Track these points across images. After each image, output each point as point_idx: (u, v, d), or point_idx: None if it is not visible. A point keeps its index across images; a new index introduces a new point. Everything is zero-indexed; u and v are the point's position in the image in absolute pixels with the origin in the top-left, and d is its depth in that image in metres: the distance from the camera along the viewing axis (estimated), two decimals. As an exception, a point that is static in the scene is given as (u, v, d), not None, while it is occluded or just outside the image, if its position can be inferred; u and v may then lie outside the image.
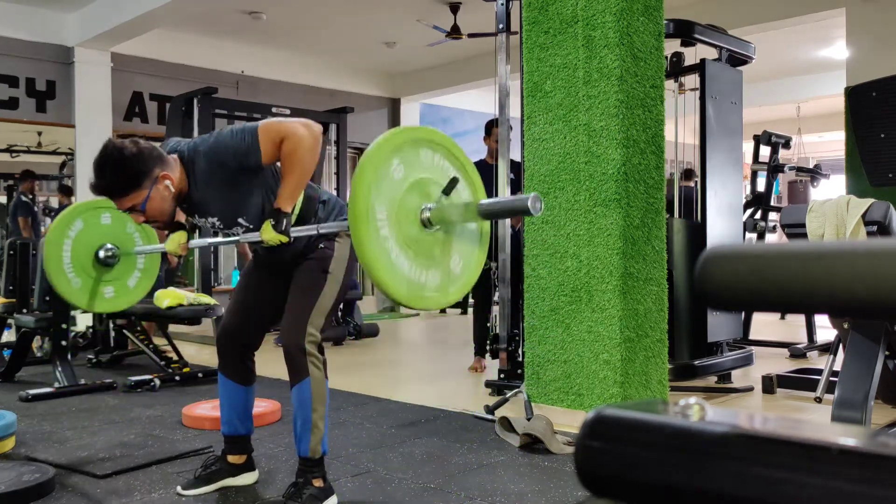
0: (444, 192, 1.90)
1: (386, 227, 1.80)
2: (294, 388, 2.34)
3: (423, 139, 1.92)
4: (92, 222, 2.85)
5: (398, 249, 1.82)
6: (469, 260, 2.00)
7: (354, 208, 1.75)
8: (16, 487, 2.41)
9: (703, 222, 4.19)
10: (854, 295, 0.51)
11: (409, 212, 1.85)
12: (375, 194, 1.78)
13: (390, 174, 1.82)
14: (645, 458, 0.55)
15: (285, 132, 2.18)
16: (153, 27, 6.77)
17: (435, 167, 1.94)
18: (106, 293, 2.95)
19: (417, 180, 1.88)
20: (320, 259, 2.43)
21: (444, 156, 1.96)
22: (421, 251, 1.87)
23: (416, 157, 1.89)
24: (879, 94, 5.11)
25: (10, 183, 7.29)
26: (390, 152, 1.83)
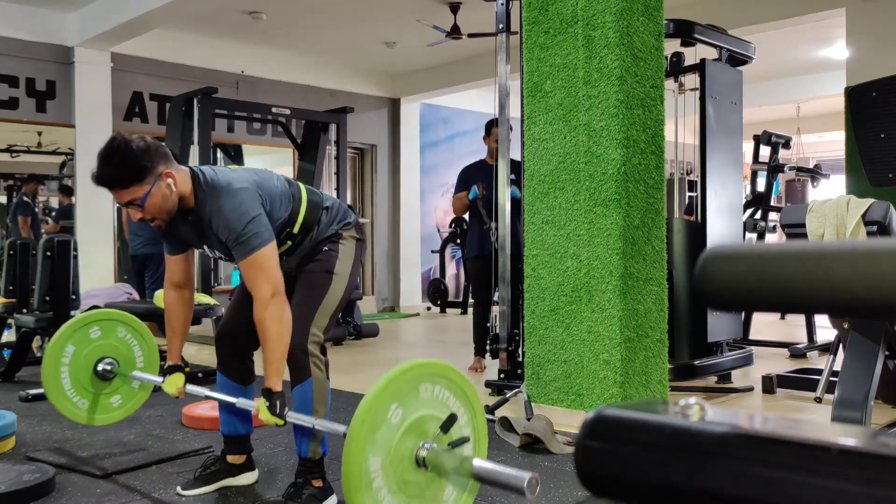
0: (442, 429, 1.85)
1: (380, 477, 1.75)
2: (295, 389, 2.34)
3: (422, 375, 1.86)
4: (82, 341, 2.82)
5: (390, 497, 1.77)
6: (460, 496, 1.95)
7: (348, 469, 1.70)
8: (16, 487, 2.41)
9: (703, 222, 4.19)
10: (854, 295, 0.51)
11: (403, 456, 1.80)
12: (370, 447, 1.73)
13: (387, 420, 1.77)
14: (645, 458, 0.55)
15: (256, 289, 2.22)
16: (153, 27, 6.77)
17: (435, 401, 1.88)
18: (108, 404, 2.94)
19: (415, 420, 1.82)
20: (325, 260, 2.43)
21: (444, 387, 1.90)
22: (413, 492, 1.82)
23: (415, 395, 1.84)
24: (879, 94, 5.11)
25: (11, 183, 7.29)
26: (389, 398, 1.78)
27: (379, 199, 9.83)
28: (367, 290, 9.67)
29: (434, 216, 10.38)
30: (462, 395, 1.94)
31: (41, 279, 4.43)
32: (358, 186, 9.86)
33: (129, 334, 2.93)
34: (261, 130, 8.62)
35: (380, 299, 9.83)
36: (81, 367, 2.82)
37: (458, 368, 1.99)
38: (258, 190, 2.31)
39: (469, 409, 1.96)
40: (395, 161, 9.90)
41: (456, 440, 1.87)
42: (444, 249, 9.93)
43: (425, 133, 10.20)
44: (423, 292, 10.09)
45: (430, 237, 10.24)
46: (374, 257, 9.78)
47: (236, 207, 2.23)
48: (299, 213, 2.41)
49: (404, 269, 9.91)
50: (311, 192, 2.50)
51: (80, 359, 2.81)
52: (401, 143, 9.87)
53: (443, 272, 9.91)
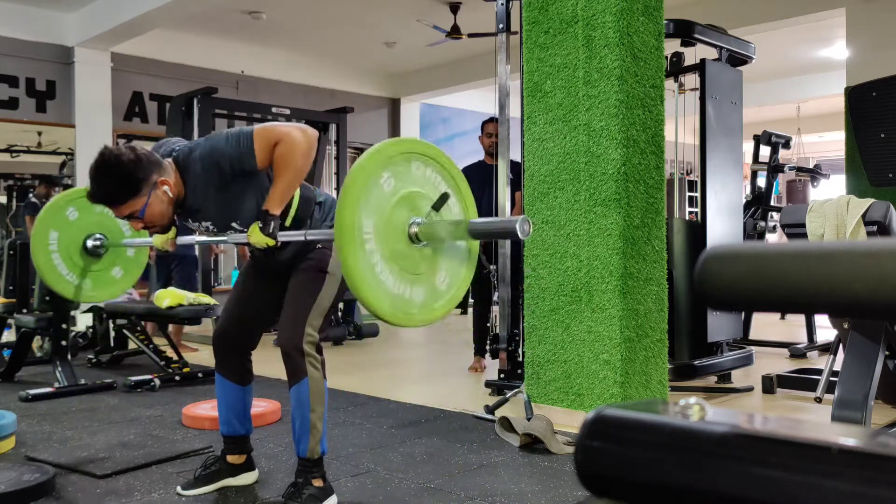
0: (434, 207, 1.87)
1: (372, 240, 1.77)
2: (292, 389, 2.34)
3: (415, 152, 1.90)
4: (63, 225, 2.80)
5: (383, 263, 1.79)
6: (455, 277, 1.96)
7: (341, 220, 1.73)
8: (16, 487, 2.41)
9: (703, 222, 4.19)
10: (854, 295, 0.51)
11: (396, 226, 1.82)
12: (363, 206, 1.75)
13: (380, 186, 1.80)
14: (645, 458, 0.55)
15: (280, 135, 2.17)
16: (153, 27, 6.77)
17: (426, 181, 1.91)
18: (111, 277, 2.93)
19: (407, 194, 1.85)
20: (318, 259, 2.42)
21: (436, 170, 1.93)
22: (407, 266, 1.84)
23: (407, 170, 1.86)
24: (879, 94, 5.11)
25: (11, 183, 7.30)
26: (381, 164, 1.81)
27: (379, 199, 9.82)
28: (367, 290, 9.67)
29: (434, 216, 10.37)
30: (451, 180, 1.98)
31: (41, 279, 4.43)
32: (358, 186, 9.85)
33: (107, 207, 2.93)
34: (261, 130, 8.61)
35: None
36: (72, 250, 2.80)
37: (458, 368, 1.99)
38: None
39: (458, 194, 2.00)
40: (395, 161, 9.89)
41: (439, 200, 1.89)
42: (444, 249, 9.92)
43: (425, 133, 10.20)
44: (423, 292, 10.08)
45: (430, 237, 10.23)
46: (374, 257, 9.77)
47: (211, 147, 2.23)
48: (291, 205, 2.40)
49: (404, 269, 9.90)
50: (304, 186, 2.49)
51: (67, 242, 2.79)
52: (401, 143, 9.86)
53: (443, 272, 9.90)
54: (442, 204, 1.89)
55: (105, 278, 2.92)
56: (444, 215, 1.92)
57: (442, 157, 1.96)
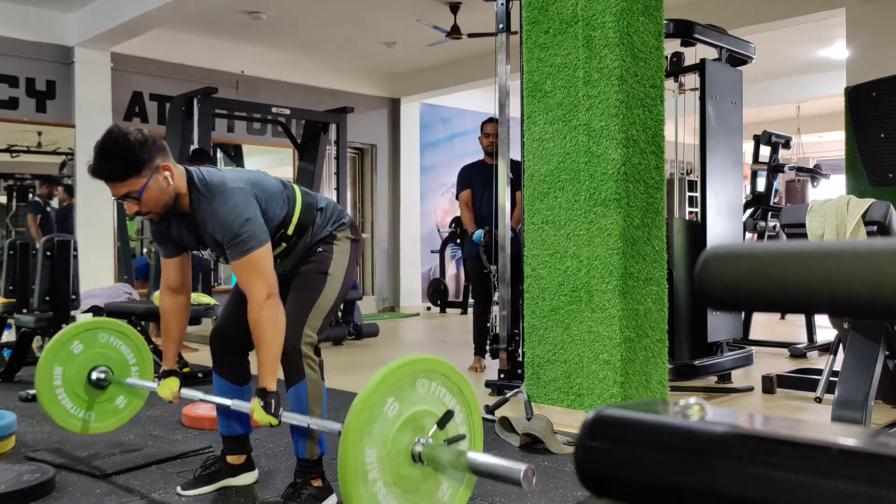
0: (439, 425, 1.86)
1: (376, 469, 1.76)
2: (290, 390, 2.34)
3: (420, 370, 1.87)
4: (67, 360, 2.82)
5: (386, 490, 1.78)
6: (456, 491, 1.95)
7: (344, 460, 1.71)
8: (16, 487, 2.41)
9: (703, 222, 4.19)
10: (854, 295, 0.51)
11: (399, 450, 1.81)
12: (367, 439, 1.75)
13: (384, 414, 1.78)
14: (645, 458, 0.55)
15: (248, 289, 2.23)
16: (153, 27, 6.77)
17: (431, 397, 1.89)
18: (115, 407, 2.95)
19: (411, 415, 1.83)
20: (319, 261, 2.43)
21: (441, 384, 1.91)
22: (409, 487, 1.83)
23: (412, 390, 1.84)
24: (879, 94, 5.11)
25: (11, 183, 7.30)
26: (386, 392, 1.79)
27: (379, 199, 9.83)
28: (367, 290, 9.67)
29: (434, 216, 10.37)
30: (458, 393, 1.95)
31: (41, 279, 4.43)
32: (358, 186, 9.86)
33: (112, 337, 2.93)
34: (261, 130, 8.62)
35: (380, 299, 9.83)
36: (76, 384, 2.83)
37: (458, 368, 2.00)
38: (253, 189, 2.31)
39: (465, 407, 1.97)
40: (395, 161, 9.90)
41: (452, 437, 1.88)
42: (444, 249, 9.93)
43: (425, 133, 10.20)
44: (423, 292, 10.09)
45: (430, 237, 10.24)
46: (374, 257, 9.78)
47: (232, 208, 2.23)
48: (294, 214, 2.41)
49: (404, 269, 9.91)
50: (305, 193, 2.50)
51: (71, 377, 2.82)
52: (401, 143, 9.87)
53: (443, 272, 9.91)
54: (446, 422, 1.88)
55: (109, 409, 2.95)
56: (450, 431, 1.90)
57: (447, 370, 1.93)
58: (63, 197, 7.36)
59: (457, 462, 1.81)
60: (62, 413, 2.81)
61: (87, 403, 2.86)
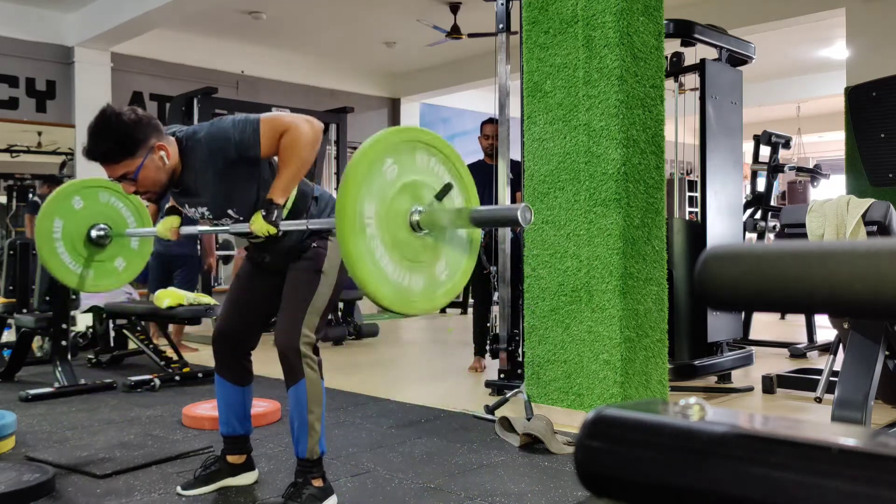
0: (437, 197, 1.86)
1: (373, 225, 1.76)
2: (290, 390, 2.34)
3: (419, 141, 1.89)
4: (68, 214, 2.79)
5: (384, 250, 1.78)
6: (456, 267, 1.95)
7: (342, 204, 1.71)
8: (16, 487, 2.41)
9: (703, 222, 4.19)
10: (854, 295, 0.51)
11: (398, 213, 1.81)
12: (366, 191, 1.74)
13: (383, 173, 1.79)
14: (645, 458, 0.55)
15: (286, 125, 2.17)
16: (153, 27, 6.77)
17: (429, 171, 1.90)
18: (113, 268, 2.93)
19: (410, 182, 1.84)
20: (313, 258, 2.41)
21: (439, 160, 1.92)
22: (407, 254, 1.83)
23: (411, 158, 1.86)
24: (879, 94, 5.11)
25: (11, 183, 7.30)
26: (385, 150, 1.80)
27: (379, 199, 9.82)
28: (367, 290, 9.66)
29: (434, 216, 10.37)
30: (456, 173, 1.97)
31: (41, 279, 4.44)
32: (358, 186, 9.85)
33: (113, 197, 2.91)
34: (261, 130, 8.61)
35: (380, 299, 9.81)
36: (76, 238, 2.79)
37: (458, 369, 1.99)
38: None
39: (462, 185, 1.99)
40: (395, 161, 9.89)
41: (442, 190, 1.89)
42: (444, 249, 9.92)
43: (425, 133, 10.19)
44: (423, 292, 10.07)
45: (430, 237, 10.23)
46: (374, 257, 9.77)
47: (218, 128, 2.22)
48: (289, 198, 2.39)
49: (404, 269, 9.90)
50: (301, 181, 2.48)
51: (71, 231, 2.78)
52: (401, 143, 9.87)
53: (443, 272, 9.90)
54: (445, 194, 1.88)
55: (108, 269, 2.92)
56: (447, 205, 1.91)
57: (446, 148, 1.95)
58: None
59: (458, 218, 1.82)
60: (60, 266, 2.77)
61: (86, 260, 2.82)
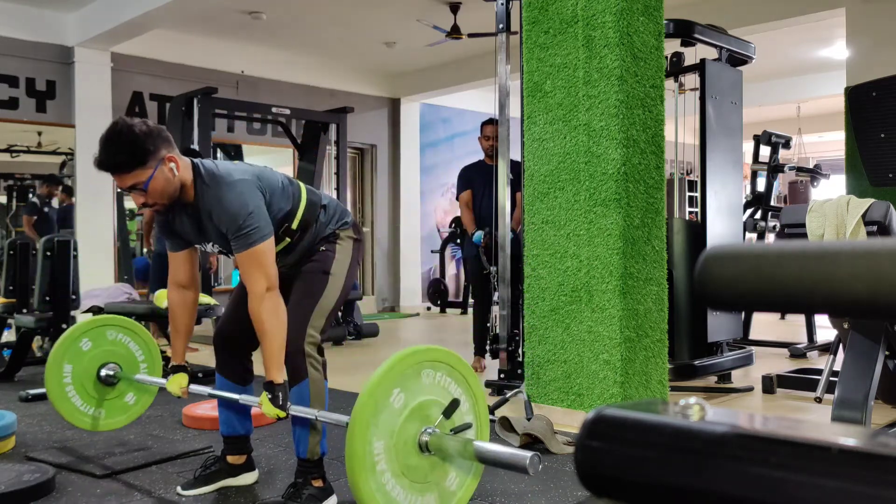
0: (445, 415, 1.87)
1: (383, 461, 1.77)
2: (293, 390, 2.34)
3: (424, 360, 1.87)
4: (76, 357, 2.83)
5: (394, 481, 1.79)
6: (464, 480, 1.95)
7: (352, 450, 1.72)
8: (16, 487, 2.41)
9: (703, 222, 4.19)
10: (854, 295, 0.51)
11: (406, 440, 1.82)
12: (374, 431, 1.75)
13: (390, 405, 1.79)
14: (645, 458, 0.55)
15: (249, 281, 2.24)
16: (153, 27, 6.77)
17: (437, 386, 1.90)
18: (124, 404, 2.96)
19: (418, 405, 1.84)
20: (322, 260, 2.43)
21: (446, 373, 1.91)
22: (417, 477, 1.84)
23: (417, 381, 1.85)
24: (879, 94, 5.11)
25: (11, 183, 7.30)
26: (391, 384, 1.80)
27: (379, 199, 9.83)
28: (367, 290, 9.67)
29: (434, 216, 10.37)
30: (463, 382, 1.95)
31: (41, 279, 4.43)
32: (358, 186, 9.86)
33: (120, 334, 2.94)
34: (261, 130, 8.62)
35: (380, 299, 9.83)
36: (85, 381, 2.84)
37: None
38: (258, 181, 2.32)
39: (470, 396, 1.97)
40: (395, 161, 9.90)
41: (459, 426, 1.88)
42: (444, 249, 9.93)
43: (425, 133, 10.20)
44: (423, 292, 10.09)
45: (430, 237, 10.24)
46: (374, 257, 9.78)
47: (236, 198, 2.23)
48: (298, 209, 2.42)
49: (404, 269, 9.91)
50: (310, 190, 2.51)
51: (80, 373, 2.83)
52: (401, 143, 9.87)
53: (443, 272, 9.91)
54: (452, 411, 1.88)
55: (119, 405, 2.96)
56: (456, 420, 1.91)
57: (452, 360, 1.93)
58: (62, 197, 7.36)
59: (464, 451, 1.82)
60: (72, 410, 2.81)
61: (97, 400, 2.86)
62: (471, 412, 1.97)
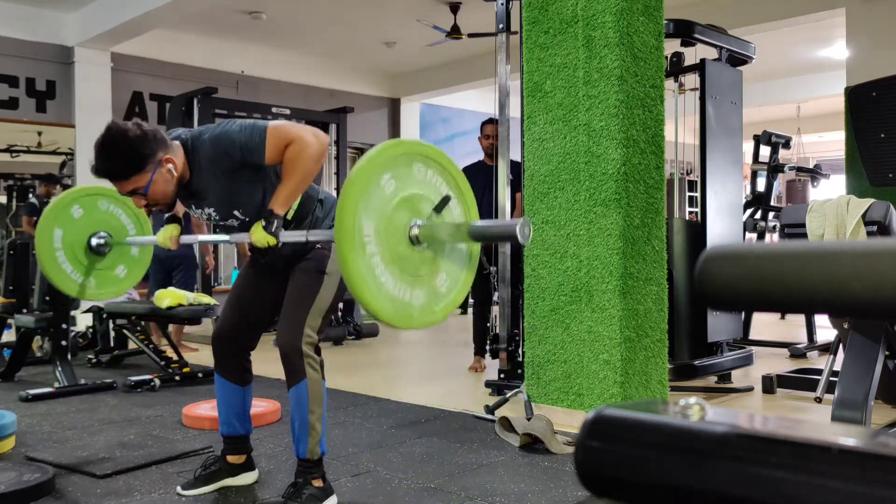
0: (436, 209, 1.86)
1: (373, 243, 1.76)
2: (291, 390, 2.34)
3: (417, 153, 1.88)
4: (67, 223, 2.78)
5: (383, 266, 1.78)
6: (456, 280, 1.94)
7: (341, 223, 1.71)
8: (16, 487, 2.41)
9: (703, 222, 4.19)
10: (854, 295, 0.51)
11: (397, 228, 1.81)
12: (364, 209, 1.74)
13: (381, 188, 1.78)
14: (645, 458, 0.55)
15: (293, 137, 2.17)
16: (153, 27, 6.77)
17: (428, 183, 1.90)
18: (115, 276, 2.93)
19: (408, 196, 1.83)
20: (317, 259, 2.42)
21: (437, 172, 1.91)
22: (407, 268, 1.83)
23: (408, 171, 1.85)
24: (879, 94, 5.11)
25: (11, 183, 7.30)
26: (383, 165, 1.79)
27: (379, 199, 9.81)
28: (367, 290, 9.66)
29: (434, 216, 10.37)
30: (454, 183, 1.97)
31: (41, 279, 4.43)
32: (358, 186, 9.84)
33: (112, 205, 2.89)
34: (261, 130, 8.61)
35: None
36: (76, 247, 2.78)
37: (458, 369, 1.99)
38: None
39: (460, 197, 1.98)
40: (395, 161, 9.89)
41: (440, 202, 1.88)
42: (444, 249, 9.92)
43: (425, 133, 10.20)
44: (423, 292, 10.08)
45: (430, 237, 10.23)
46: (374, 257, 9.77)
47: (224, 131, 2.22)
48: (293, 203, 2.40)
49: (404, 269, 9.90)
50: None
51: (71, 240, 2.77)
52: (401, 143, 9.86)
53: (443, 272, 9.91)
54: (443, 206, 1.87)
55: (109, 277, 2.91)
56: (446, 218, 1.90)
57: (444, 159, 1.94)
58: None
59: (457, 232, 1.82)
60: (61, 276, 2.76)
61: (87, 269, 2.81)
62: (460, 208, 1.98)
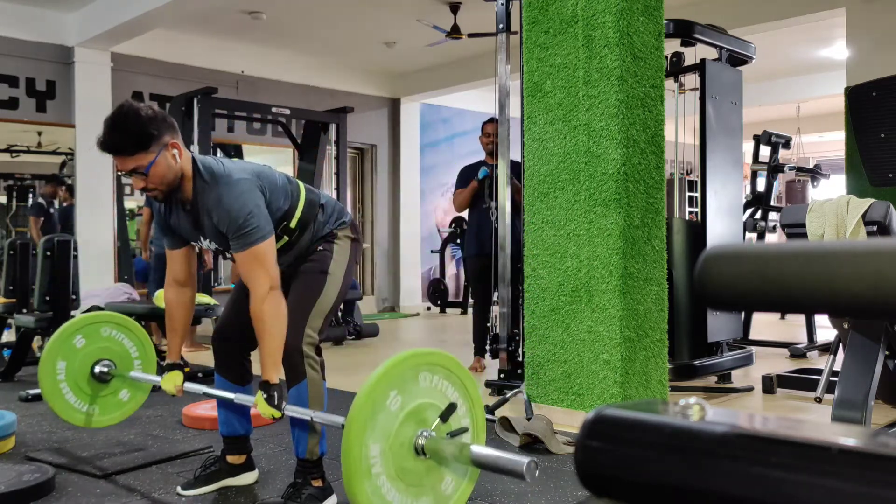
0: (442, 418, 1.86)
1: (378, 464, 1.77)
2: (291, 390, 2.34)
3: (422, 364, 1.87)
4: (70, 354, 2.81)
5: (389, 484, 1.79)
6: (459, 484, 1.95)
7: (348, 452, 1.72)
8: (16, 487, 2.41)
9: (703, 222, 4.19)
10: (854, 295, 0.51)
11: (403, 443, 1.82)
12: (370, 434, 1.75)
13: (386, 407, 1.79)
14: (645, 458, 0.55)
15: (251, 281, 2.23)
16: (153, 27, 6.77)
17: (433, 390, 1.89)
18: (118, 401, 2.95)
19: (415, 408, 1.84)
20: (319, 260, 2.43)
21: (443, 376, 1.91)
22: (412, 480, 1.84)
23: (414, 383, 1.85)
24: (879, 94, 5.11)
25: (11, 183, 7.30)
26: (388, 385, 1.79)
27: (379, 199, 9.82)
28: (367, 290, 9.67)
29: (434, 216, 10.37)
30: (461, 386, 1.95)
31: (41, 279, 4.43)
32: (358, 186, 9.86)
33: (115, 331, 2.92)
34: (261, 130, 8.62)
35: (380, 299, 9.83)
36: (79, 378, 2.83)
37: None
38: (258, 179, 2.31)
39: (467, 400, 1.97)
40: (395, 161, 9.90)
41: (455, 430, 1.88)
42: (444, 249, 9.93)
43: (425, 133, 10.19)
44: (423, 292, 10.09)
45: (430, 237, 10.24)
46: (374, 257, 9.78)
47: (237, 198, 2.23)
48: (297, 207, 2.42)
49: (404, 269, 9.91)
50: (308, 189, 2.51)
51: (74, 371, 2.81)
52: (401, 143, 9.87)
53: (443, 272, 9.91)
54: (449, 415, 1.88)
55: (113, 402, 2.95)
56: (453, 425, 1.91)
57: (449, 362, 1.93)
58: (64, 197, 7.35)
59: (460, 455, 1.81)
60: (65, 407, 2.81)
61: (91, 397, 2.85)
62: (467, 416, 1.97)
